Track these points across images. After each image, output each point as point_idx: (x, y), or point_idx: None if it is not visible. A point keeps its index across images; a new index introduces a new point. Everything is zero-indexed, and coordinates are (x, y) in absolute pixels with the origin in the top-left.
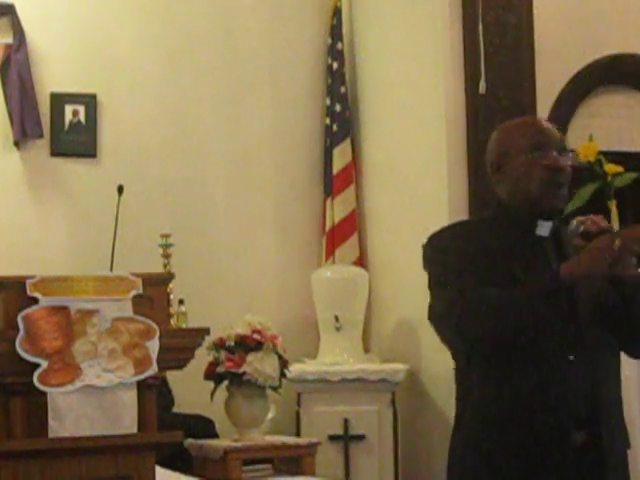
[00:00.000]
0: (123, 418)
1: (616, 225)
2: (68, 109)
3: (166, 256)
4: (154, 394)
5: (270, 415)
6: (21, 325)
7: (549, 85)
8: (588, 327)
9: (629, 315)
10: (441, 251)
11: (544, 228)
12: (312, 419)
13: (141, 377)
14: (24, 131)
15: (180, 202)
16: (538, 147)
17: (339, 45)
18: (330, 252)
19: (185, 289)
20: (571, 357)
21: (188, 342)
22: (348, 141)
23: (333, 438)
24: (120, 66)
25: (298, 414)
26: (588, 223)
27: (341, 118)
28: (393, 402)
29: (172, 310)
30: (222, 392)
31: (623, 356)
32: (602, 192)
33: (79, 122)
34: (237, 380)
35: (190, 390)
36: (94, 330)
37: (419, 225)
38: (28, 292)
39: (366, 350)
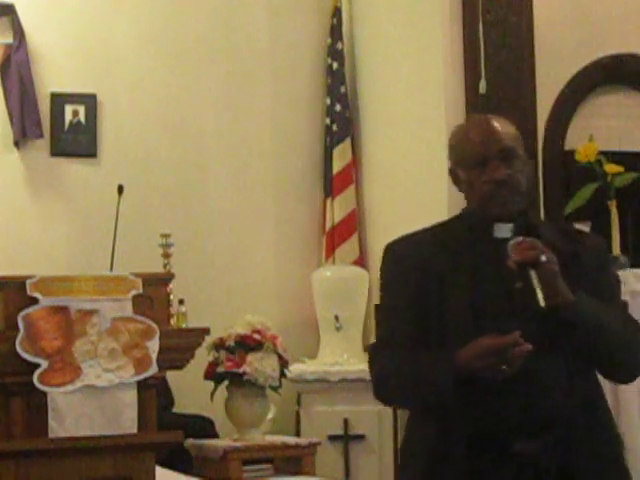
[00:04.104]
0: (123, 418)
1: (616, 225)
2: (68, 109)
3: (166, 256)
4: (154, 394)
5: (270, 415)
6: (21, 325)
7: (549, 85)
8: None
9: (579, 344)
10: (388, 271)
11: (503, 230)
12: (312, 419)
13: (141, 377)
14: (24, 131)
15: (180, 202)
16: (479, 161)
17: (339, 45)
18: (330, 252)
19: (185, 289)
20: (503, 367)
21: (188, 342)
22: (348, 141)
23: (333, 438)
24: (120, 66)
25: (298, 414)
26: (517, 249)
27: (341, 118)
28: None
29: (172, 310)
30: (222, 392)
31: None
32: (602, 192)
33: (79, 122)
34: (237, 380)
35: (190, 390)
36: (94, 330)
37: (419, 225)
38: (28, 292)
39: (366, 350)
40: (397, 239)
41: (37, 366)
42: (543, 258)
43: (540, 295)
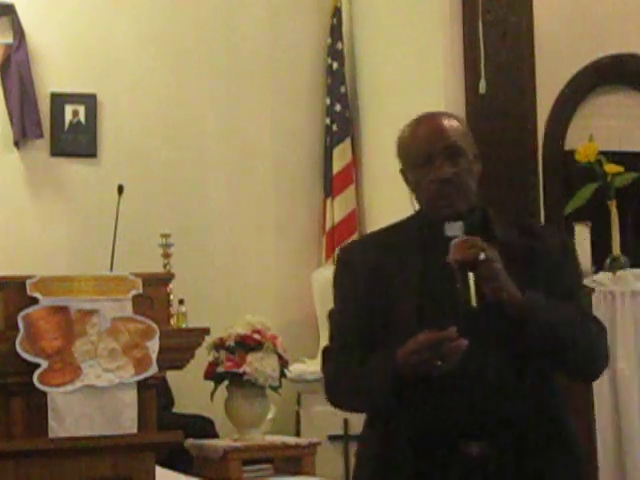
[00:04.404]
0: (123, 418)
1: (616, 225)
2: (68, 109)
3: (166, 256)
4: (154, 394)
5: (270, 415)
6: (21, 325)
7: (549, 85)
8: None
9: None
10: (338, 274)
11: (453, 229)
12: (312, 419)
13: (141, 377)
14: (24, 131)
15: (180, 202)
16: (424, 161)
17: (339, 45)
18: (330, 252)
19: (185, 289)
20: (439, 362)
21: (188, 342)
22: (348, 141)
23: (333, 438)
24: (120, 66)
25: (298, 414)
26: (456, 248)
27: (341, 118)
28: None
29: (172, 310)
30: (222, 392)
31: (620, 354)
32: (602, 192)
33: (79, 122)
34: (237, 380)
35: (190, 390)
36: (94, 330)
37: None
38: (28, 292)
39: None
40: (349, 243)
41: (37, 366)
42: (482, 256)
43: (473, 294)
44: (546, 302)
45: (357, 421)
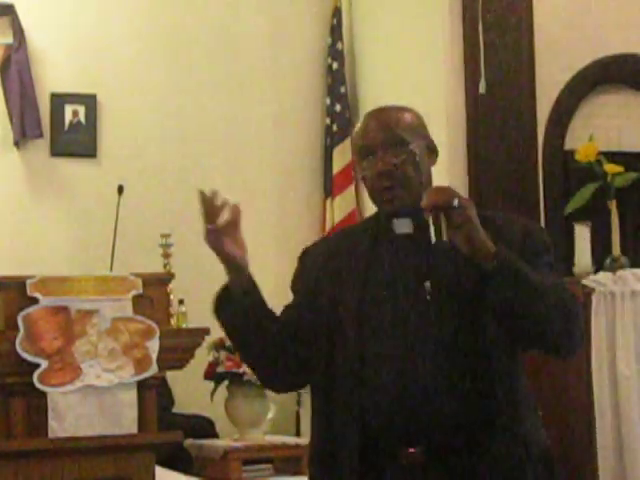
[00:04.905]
0: (123, 418)
1: (616, 225)
2: (68, 109)
3: (166, 256)
4: (154, 394)
5: (270, 415)
6: (21, 325)
7: (549, 85)
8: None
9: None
10: (295, 274)
11: (403, 225)
12: None
13: (141, 377)
14: (24, 131)
15: (180, 202)
16: (366, 153)
17: (339, 45)
18: None
19: (185, 289)
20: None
21: (188, 342)
22: (348, 141)
23: None
24: (120, 66)
25: (298, 414)
26: (430, 193)
27: (341, 118)
28: None
29: (172, 310)
30: (222, 392)
31: (620, 354)
32: (602, 192)
33: (79, 122)
34: (237, 380)
35: (190, 390)
36: (94, 330)
37: None
38: (28, 292)
39: None
40: (312, 243)
41: (37, 366)
42: (455, 202)
43: (444, 231)
44: (519, 260)
45: None
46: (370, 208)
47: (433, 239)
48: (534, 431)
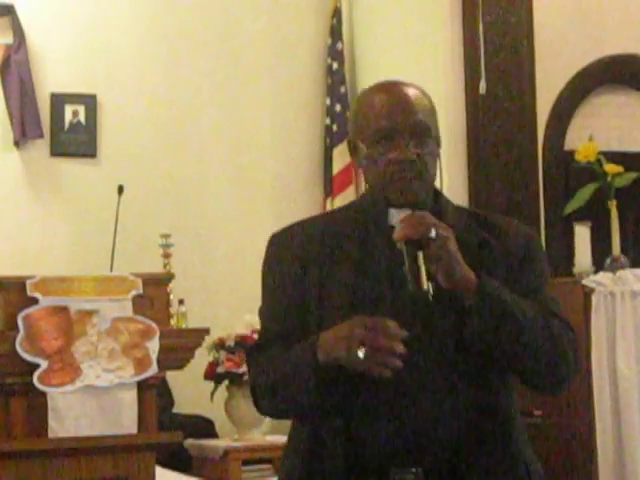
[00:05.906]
0: (123, 418)
1: (616, 225)
2: (68, 109)
3: (166, 256)
4: (154, 394)
5: None
6: (21, 325)
7: (549, 85)
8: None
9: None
10: (266, 265)
11: (399, 217)
12: None
13: (141, 377)
14: (24, 131)
15: (180, 202)
16: (384, 135)
17: (339, 45)
18: None
19: (185, 289)
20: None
21: (188, 342)
22: None
23: None
24: (120, 66)
25: None
26: (403, 224)
27: (341, 118)
28: None
29: (172, 310)
30: (222, 392)
31: (620, 355)
32: (602, 192)
33: (79, 122)
34: (237, 380)
35: (190, 390)
36: (94, 330)
37: None
38: (28, 292)
39: None
40: (282, 229)
41: (37, 366)
42: (432, 234)
43: (424, 277)
44: (505, 291)
45: None
46: None
47: (410, 287)
48: (527, 447)
